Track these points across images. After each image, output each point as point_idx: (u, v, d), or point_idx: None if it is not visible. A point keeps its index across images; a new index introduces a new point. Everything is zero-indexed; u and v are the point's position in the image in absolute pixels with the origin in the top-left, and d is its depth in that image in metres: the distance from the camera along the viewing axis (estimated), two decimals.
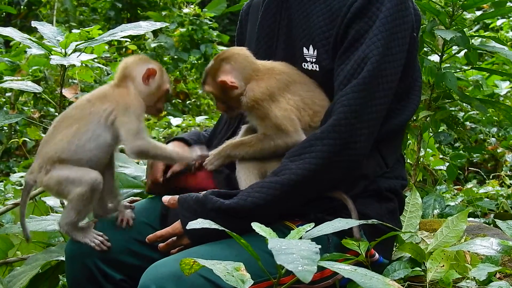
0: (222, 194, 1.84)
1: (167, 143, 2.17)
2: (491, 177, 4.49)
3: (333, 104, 1.86)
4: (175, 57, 8.08)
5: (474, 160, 4.90)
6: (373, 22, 1.87)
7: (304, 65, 1.97)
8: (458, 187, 4.25)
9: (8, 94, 5.62)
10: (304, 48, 1.97)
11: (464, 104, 4.13)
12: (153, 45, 7.98)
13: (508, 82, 5.38)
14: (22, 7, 9.33)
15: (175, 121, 6.32)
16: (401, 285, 2.01)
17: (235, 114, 2.03)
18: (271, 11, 2.07)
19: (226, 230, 1.50)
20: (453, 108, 4.00)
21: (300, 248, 1.30)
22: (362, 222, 1.64)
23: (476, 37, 4.81)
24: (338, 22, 1.92)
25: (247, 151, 1.93)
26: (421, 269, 2.07)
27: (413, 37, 1.94)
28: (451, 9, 3.04)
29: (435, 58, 3.30)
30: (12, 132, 5.84)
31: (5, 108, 5.55)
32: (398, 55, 1.89)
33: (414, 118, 3.17)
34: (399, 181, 2.04)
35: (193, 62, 8.15)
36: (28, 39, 2.51)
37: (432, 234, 2.27)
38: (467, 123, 4.95)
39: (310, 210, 1.88)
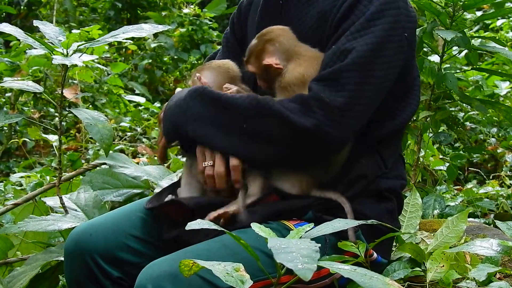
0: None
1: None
2: (491, 177, 4.49)
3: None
4: (175, 57, 8.09)
5: (474, 160, 4.90)
6: (358, 18, 1.87)
7: None
8: (458, 187, 4.25)
9: (8, 94, 5.63)
10: None
11: (464, 104, 4.13)
12: (153, 45, 7.99)
13: (508, 83, 5.38)
14: (22, 7, 9.33)
15: None
16: (401, 285, 2.01)
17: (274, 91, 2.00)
18: (271, 12, 2.08)
19: (225, 230, 1.51)
20: (453, 109, 4.00)
21: (300, 247, 1.30)
22: (361, 222, 1.64)
23: (476, 38, 4.81)
24: (328, 23, 1.93)
25: None
26: (421, 269, 2.07)
27: (404, 37, 1.92)
28: (451, 10, 3.04)
29: (435, 58, 3.30)
30: (12, 132, 5.84)
31: (5, 108, 5.55)
32: (388, 51, 1.88)
33: (414, 118, 3.18)
34: (399, 181, 2.04)
35: (193, 62, 8.16)
36: (31, 36, 2.51)
37: (432, 234, 2.27)
38: (467, 123, 4.96)
39: (308, 209, 1.89)
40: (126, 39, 2.49)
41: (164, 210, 1.96)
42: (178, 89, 2.06)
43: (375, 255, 1.93)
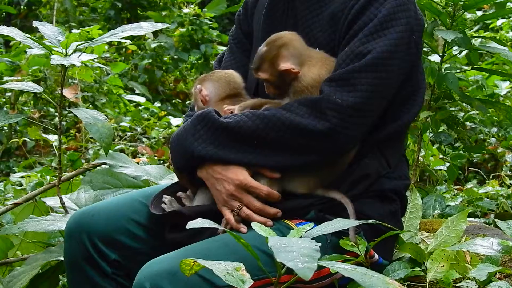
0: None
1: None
2: (491, 177, 4.49)
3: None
4: (175, 57, 8.08)
5: (474, 160, 4.89)
6: (370, 20, 1.88)
7: None
8: (458, 187, 4.25)
9: (8, 94, 5.62)
10: None
11: (464, 104, 4.13)
12: (153, 45, 7.98)
13: (508, 82, 5.38)
14: (22, 7, 9.33)
15: (175, 121, 6.33)
16: (401, 285, 2.01)
17: (282, 97, 1.99)
18: (278, 10, 2.08)
19: (226, 229, 1.51)
20: (453, 108, 3.99)
21: (300, 246, 1.30)
22: (361, 222, 1.64)
23: (476, 38, 4.81)
24: (340, 24, 1.94)
25: None
26: (421, 269, 2.07)
27: (413, 40, 1.94)
28: (451, 10, 3.04)
29: (435, 58, 3.30)
30: (12, 132, 5.84)
31: (5, 108, 5.55)
32: (399, 53, 1.89)
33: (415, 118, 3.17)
34: (402, 181, 2.05)
35: (193, 62, 8.15)
36: (29, 38, 2.51)
37: (432, 234, 2.27)
38: (467, 123, 4.96)
39: (311, 209, 1.89)
40: (125, 38, 2.48)
41: (167, 217, 1.97)
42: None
43: (376, 256, 1.92)
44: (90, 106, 6.04)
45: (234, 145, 1.87)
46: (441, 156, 4.14)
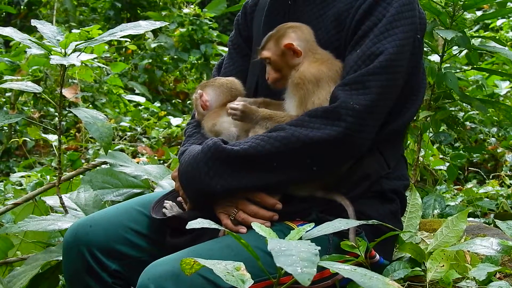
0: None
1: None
2: (491, 177, 4.49)
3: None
4: (175, 57, 8.08)
5: (474, 160, 4.89)
6: (379, 21, 1.88)
7: None
8: (458, 187, 4.25)
9: (8, 94, 5.63)
10: None
11: (464, 104, 4.12)
12: (153, 45, 7.99)
13: (508, 82, 5.38)
14: (22, 7, 9.33)
15: (175, 121, 6.33)
16: (401, 285, 2.01)
17: (280, 86, 1.97)
18: (278, 13, 2.08)
19: (227, 230, 1.51)
20: (453, 108, 3.99)
21: (300, 249, 1.29)
22: (362, 222, 1.64)
23: (476, 37, 4.81)
24: (346, 24, 1.94)
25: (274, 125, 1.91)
26: (421, 269, 2.07)
27: (417, 39, 1.95)
28: (451, 9, 3.04)
29: (435, 58, 3.30)
30: (12, 132, 5.84)
31: (5, 108, 5.55)
32: (406, 54, 1.91)
33: (414, 118, 3.17)
34: (402, 181, 2.05)
35: (193, 62, 8.15)
36: (28, 39, 2.51)
37: (432, 234, 2.27)
38: (467, 123, 4.96)
39: (312, 210, 1.89)
40: (124, 37, 2.48)
41: (168, 221, 1.97)
42: (188, 149, 1.99)
43: (377, 257, 1.92)
44: (90, 106, 6.04)
45: (253, 171, 1.85)
46: (441, 156, 4.14)
